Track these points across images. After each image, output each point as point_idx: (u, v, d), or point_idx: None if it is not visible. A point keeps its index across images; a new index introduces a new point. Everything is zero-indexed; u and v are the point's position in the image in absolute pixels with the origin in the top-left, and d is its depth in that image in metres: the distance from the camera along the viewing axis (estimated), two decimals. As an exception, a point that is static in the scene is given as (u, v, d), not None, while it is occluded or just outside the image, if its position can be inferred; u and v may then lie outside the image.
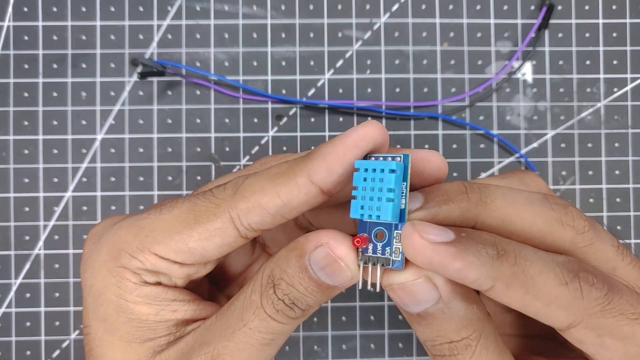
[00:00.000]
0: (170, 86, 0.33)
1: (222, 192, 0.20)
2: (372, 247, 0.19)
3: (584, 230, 0.20)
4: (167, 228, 0.20)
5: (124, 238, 0.21)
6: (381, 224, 0.19)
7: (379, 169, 0.18)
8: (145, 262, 0.20)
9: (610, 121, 0.34)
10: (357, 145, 0.18)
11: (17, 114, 0.33)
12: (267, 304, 0.20)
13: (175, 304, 0.21)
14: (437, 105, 0.34)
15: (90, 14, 0.33)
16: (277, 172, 0.19)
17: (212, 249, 0.20)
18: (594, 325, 0.18)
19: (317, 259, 0.19)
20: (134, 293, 0.21)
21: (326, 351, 0.33)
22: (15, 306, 0.33)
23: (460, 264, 0.17)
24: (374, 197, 0.18)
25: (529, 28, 0.34)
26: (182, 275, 0.21)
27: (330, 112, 0.34)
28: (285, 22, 0.34)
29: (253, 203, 0.19)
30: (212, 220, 0.20)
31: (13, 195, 0.33)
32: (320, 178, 0.19)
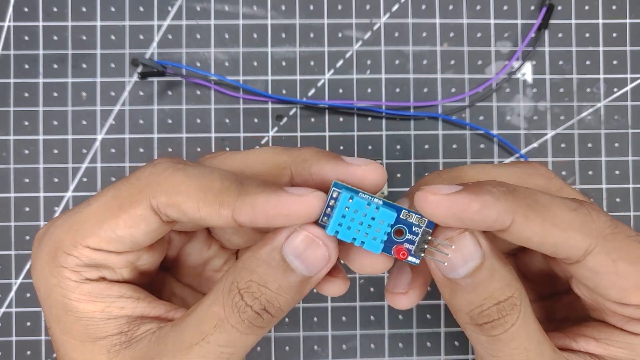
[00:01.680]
0: (170, 86, 0.34)
1: (147, 177, 0.20)
2: (407, 243, 0.19)
3: (551, 177, 0.22)
4: (95, 218, 0.20)
5: (58, 236, 0.20)
6: (401, 222, 0.19)
7: (368, 210, 0.19)
8: (81, 256, 0.20)
9: (610, 121, 0.34)
10: (290, 218, 0.18)
11: (17, 114, 0.33)
12: (230, 314, 0.19)
13: (122, 300, 0.21)
14: (437, 105, 0.34)
15: (90, 14, 0.33)
16: (207, 187, 0.19)
17: (140, 236, 0.20)
18: (608, 249, 0.18)
19: (292, 245, 0.19)
20: (75, 291, 0.20)
21: (326, 351, 0.33)
22: (16, 306, 0.33)
23: (479, 204, 0.17)
24: (367, 231, 0.19)
25: (529, 28, 0.34)
26: (122, 264, 0.21)
27: (330, 112, 0.34)
28: (286, 22, 0.34)
29: (174, 201, 0.19)
30: (135, 207, 0.20)
31: (13, 195, 0.33)
32: (242, 221, 0.19)
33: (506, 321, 0.19)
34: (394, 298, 0.22)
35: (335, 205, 0.19)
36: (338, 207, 0.18)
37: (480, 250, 0.19)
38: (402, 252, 0.19)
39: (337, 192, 0.19)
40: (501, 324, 0.19)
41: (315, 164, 0.20)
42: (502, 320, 0.19)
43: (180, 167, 0.20)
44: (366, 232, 0.19)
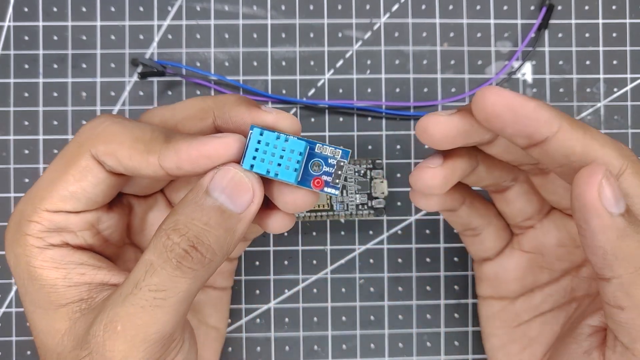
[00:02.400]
0: (170, 86, 0.34)
1: (86, 132, 0.21)
2: (324, 174, 0.20)
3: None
4: (49, 181, 0.21)
5: (21, 208, 0.21)
6: (317, 155, 0.21)
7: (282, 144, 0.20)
8: (42, 220, 0.21)
9: (610, 121, 0.34)
10: (212, 159, 0.19)
11: (17, 114, 0.33)
12: (158, 255, 0.19)
13: (83, 267, 0.21)
14: (437, 105, 0.34)
15: (90, 14, 0.33)
16: (138, 137, 0.20)
17: (90, 189, 0.21)
18: (638, 170, 0.19)
19: (216, 182, 0.19)
20: (39, 258, 0.21)
21: (326, 351, 0.33)
22: (16, 306, 0.33)
23: (534, 104, 0.19)
24: (280, 157, 0.20)
25: (529, 28, 0.34)
26: (82, 225, 0.21)
27: (330, 112, 0.34)
28: (285, 22, 0.34)
29: (110, 150, 0.20)
30: (79, 160, 0.21)
31: (13, 195, 0.33)
32: (168, 167, 0.20)
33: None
34: (424, 173, 0.22)
35: (248, 141, 0.20)
36: (250, 142, 0.20)
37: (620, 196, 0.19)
38: (317, 181, 0.20)
39: (251, 132, 0.20)
40: None
41: (233, 109, 0.21)
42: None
43: (117, 121, 0.21)
44: (279, 162, 0.20)
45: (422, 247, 0.34)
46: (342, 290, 0.33)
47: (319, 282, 0.33)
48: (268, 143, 0.20)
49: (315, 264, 0.33)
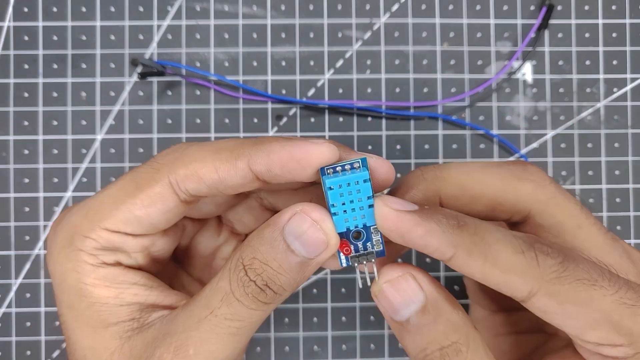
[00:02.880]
0: (170, 86, 0.34)
1: (164, 157, 0.21)
2: (353, 247, 0.20)
3: (544, 184, 0.22)
4: (113, 201, 0.21)
5: (75, 221, 0.21)
6: (359, 227, 0.20)
7: (352, 182, 0.19)
8: (99, 239, 0.20)
9: (610, 121, 0.34)
10: (302, 164, 0.19)
11: (17, 114, 0.33)
12: (236, 287, 0.19)
13: (136, 287, 0.21)
14: (437, 105, 0.34)
15: (90, 14, 0.33)
16: (220, 147, 0.20)
17: (156, 215, 0.21)
18: (552, 292, 0.18)
19: (292, 227, 0.19)
20: (91, 275, 0.20)
21: (326, 351, 0.33)
22: (15, 306, 0.33)
23: (423, 230, 0.18)
24: (355, 208, 0.19)
25: (528, 28, 0.34)
26: (138, 247, 0.21)
27: (330, 112, 0.34)
28: (285, 22, 0.34)
29: (191, 171, 0.20)
30: (153, 186, 0.20)
31: (13, 196, 0.33)
32: (258, 169, 0.19)
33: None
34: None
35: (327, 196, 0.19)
36: (330, 196, 0.19)
37: (421, 293, 0.19)
38: (345, 248, 0.20)
39: (328, 189, 0.19)
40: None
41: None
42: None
43: (194, 143, 0.21)
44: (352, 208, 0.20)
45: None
46: (342, 290, 0.33)
47: (319, 282, 0.33)
48: (341, 185, 0.19)
49: (315, 264, 0.33)
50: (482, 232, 0.18)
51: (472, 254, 0.18)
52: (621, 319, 0.18)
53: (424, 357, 0.19)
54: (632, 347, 0.18)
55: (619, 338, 0.18)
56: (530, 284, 0.18)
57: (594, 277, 0.18)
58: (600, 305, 0.18)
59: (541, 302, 0.18)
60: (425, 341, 0.19)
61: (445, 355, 0.18)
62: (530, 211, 0.22)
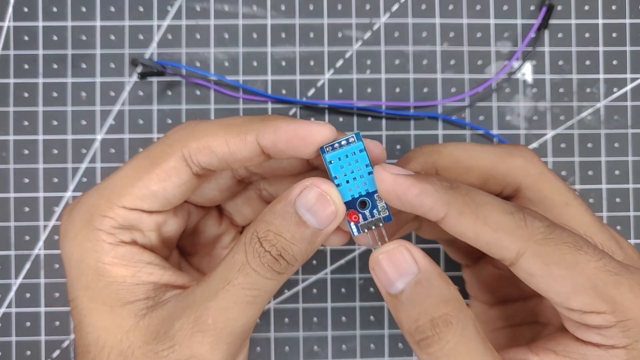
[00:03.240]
0: (170, 86, 0.34)
1: (175, 133, 0.22)
2: (361, 216, 0.21)
3: (533, 160, 0.23)
4: (129, 178, 0.21)
5: (92, 202, 0.22)
6: (363, 195, 0.21)
7: (349, 153, 0.21)
8: (117, 217, 0.21)
9: (610, 121, 0.34)
10: (305, 141, 0.20)
11: (17, 114, 0.33)
12: (252, 258, 0.20)
13: (151, 267, 0.22)
14: (437, 105, 0.34)
15: (90, 14, 0.33)
16: (231, 123, 0.21)
17: (172, 189, 0.21)
18: (539, 252, 0.19)
19: (304, 199, 0.20)
20: (110, 254, 0.21)
21: (326, 351, 0.33)
22: (15, 306, 0.33)
23: (418, 190, 0.19)
24: (357, 177, 0.21)
25: (528, 28, 0.34)
26: (152, 225, 0.22)
27: (330, 112, 0.34)
28: (285, 22, 0.34)
29: (203, 144, 0.21)
30: (167, 160, 0.21)
31: (13, 196, 0.33)
32: (265, 144, 0.21)
33: (440, 338, 0.19)
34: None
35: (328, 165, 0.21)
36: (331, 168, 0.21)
37: (415, 265, 0.20)
38: (354, 216, 0.21)
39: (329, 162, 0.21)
40: (436, 341, 0.19)
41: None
42: (437, 337, 0.19)
43: (203, 120, 0.22)
44: (353, 177, 0.21)
45: (422, 246, 0.33)
46: (342, 290, 0.33)
47: (319, 282, 0.33)
48: (340, 158, 0.21)
49: (315, 264, 0.33)
50: (474, 194, 0.19)
51: (463, 213, 0.19)
52: (605, 286, 0.18)
53: (416, 328, 0.19)
54: (615, 315, 0.19)
55: (602, 305, 0.18)
56: (518, 243, 0.19)
57: (579, 243, 0.19)
58: (584, 269, 0.18)
59: (528, 263, 0.19)
60: (417, 312, 0.19)
61: (435, 326, 0.19)
62: (520, 184, 0.23)
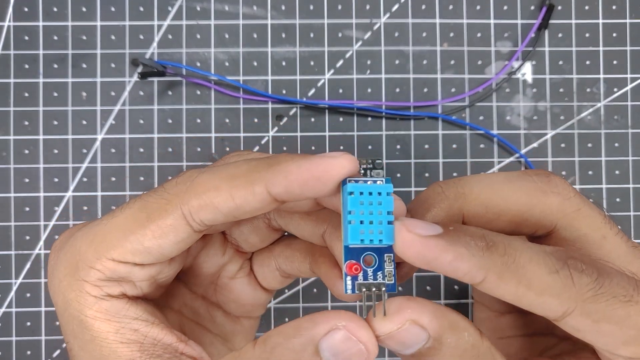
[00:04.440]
0: (170, 86, 0.34)
1: (174, 187, 0.20)
2: (362, 273, 0.19)
3: (569, 196, 0.21)
4: (121, 230, 0.19)
5: (79, 248, 0.20)
6: (370, 249, 0.19)
7: (375, 192, 0.18)
8: (104, 270, 0.19)
9: (610, 121, 0.34)
10: (322, 180, 0.18)
11: (17, 114, 0.33)
12: None
13: (137, 322, 0.20)
14: (437, 105, 0.34)
15: (90, 14, 0.33)
16: (234, 174, 0.19)
17: (168, 246, 0.20)
18: (588, 311, 0.17)
19: (332, 344, 0.17)
20: (93, 308, 0.19)
21: (326, 351, 0.33)
22: (16, 306, 0.33)
23: (451, 256, 0.17)
24: (374, 221, 0.18)
25: (528, 28, 0.34)
26: (144, 277, 0.20)
27: (330, 112, 0.34)
28: (286, 22, 0.34)
29: (205, 201, 0.19)
30: (164, 217, 0.19)
31: (13, 195, 0.33)
32: (277, 192, 0.18)
33: None
34: None
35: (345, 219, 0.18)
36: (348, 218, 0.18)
37: (424, 334, 0.18)
38: (355, 267, 0.19)
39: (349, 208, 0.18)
40: None
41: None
42: None
43: (205, 169, 0.20)
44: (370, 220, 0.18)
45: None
46: (342, 290, 0.33)
47: (319, 282, 0.33)
48: (362, 193, 0.18)
49: (315, 264, 0.33)
50: (513, 252, 0.17)
51: (504, 277, 0.17)
52: None
53: None
54: None
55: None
56: (566, 304, 0.17)
57: (630, 292, 0.18)
58: (636, 321, 0.17)
59: (576, 321, 0.18)
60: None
61: None
62: (556, 225, 0.21)
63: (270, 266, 0.25)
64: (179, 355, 0.20)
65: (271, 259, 0.25)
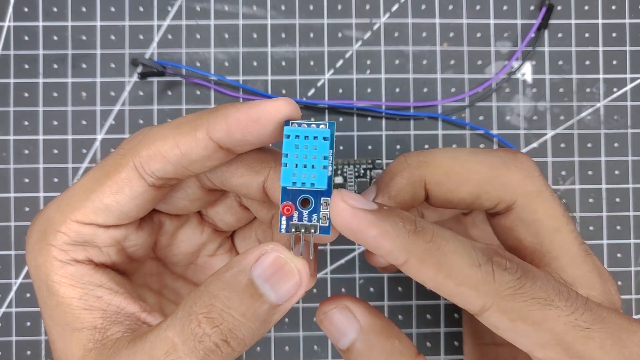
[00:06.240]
0: (170, 86, 0.34)
1: (129, 142, 0.20)
2: (297, 214, 0.19)
3: (533, 175, 0.21)
4: (83, 190, 0.20)
5: (48, 214, 0.20)
6: (307, 192, 0.19)
7: (311, 136, 0.18)
8: (69, 232, 0.20)
9: (610, 121, 0.34)
10: (261, 122, 0.18)
11: (17, 114, 0.33)
12: (185, 341, 0.17)
13: (101, 290, 0.20)
14: (437, 105, 0.34)
15: (90, 14, 0.33)
16: (180, 122, 0.19)
17: (125, 202, 0.20)
18: (505, 308, 0.17)
19: (262, 268, 0.18)
20: (59, 272, 0.20)
21: (326, 351, 0.33)
22: (16, 306, 0.33)
23: (376, 232, 0.17)
24: (307, 165, 0.18)
25: (528, 28, 0.34)
26: (109, 241, 0.21)
27: (330, 112, 0.34)
28: (285, 22, 0.34)
29: (154, 150, 0.19)
30: (119, 172, 0.20)
31: (13, 195, 0.33)
32: (218, 137, 0.19)
33: None
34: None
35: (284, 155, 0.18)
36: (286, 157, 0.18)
37: (356, 324, 0.19)
38: (287, 208, 0.19)
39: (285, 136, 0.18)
40: None
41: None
42: None
43: (157, 125, 0.20)
44: (304, 163, 0.18)
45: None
46: (342, 290, 0.33)
47: (319, 282, 0.33)
48: (299, 136, 0.18)
49: (315, 264, 0.33)
50: (439, 240, 0.18)
51: (425, 262, 0.17)
52: (573, 342, 0.18)
53: None
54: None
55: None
56: (483, 298, 0.17)
57: (551, 297, 0.18)
58: (552, 326, 0.17)
59: (493, 317, 0.18)
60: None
61: None
62: (516, 201, 0.21)
63: (251, 238, 0.26)
64: (140, 324, 0.20)
65: (252, 230, 0.26)
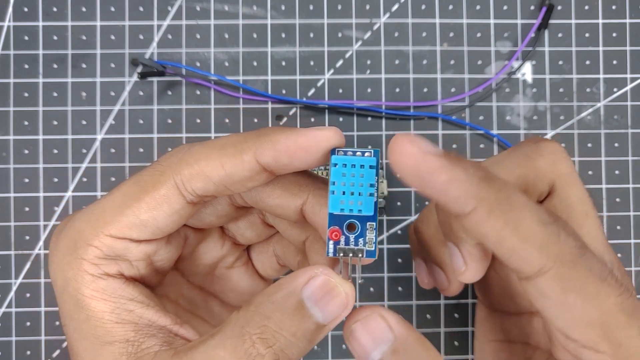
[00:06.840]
0: (170, 86, 0.34)
1: (167, 159, 0.20)
2: (344, 239, 0.19)
3: (561, 156, 0.21)
4: (117, 205, 0.20)
5: (78, 227, 0.20)
6: (353, 217, 0.19)
7: (358, 165, 0.19)
8: (101, 246, 0.20)
9: (610, 121, 0.34)
10: (309, 151, 0.19)
11: (17, 114, 0.33)
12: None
13: (133, 303, 0.20)
14: (437, 105, 0.34)
15: (90, 14, 0.33)
16: (224, 143, 0.20)
17: (162, 219, 0.20)
18: (562, 275, 0.17)
19: (312, 290, 0.18)
20: (90, 286, 0.20)
21: (326, 351, 0.33)
22: (15, 306, 0.33)
23: (447, 176, 0.16)
24: (354, 192, 0.19)
25: (528, 28, 0.34)
26: (141, 255, 0.21)
27: (330, 112, 0.34)
28: (285, 22, 0.34)
29: (197, 170, 0.19)
30: (158, 188, 0.20)
31: (13, 195, 0.33)
32: (265, 161, 0.19)
33: None
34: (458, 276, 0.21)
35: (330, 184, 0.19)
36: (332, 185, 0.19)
37: (391, 333, 0.18)
38: (335, 233, 0.19)
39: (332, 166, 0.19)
40: None
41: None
42: None
43: (196, 143, 0.20)
44: (352, 191, 0.19)
45: (422, 247, 0.34)
46: (342, 290, 0.33)
47: (319, 282, 0.33)
48: (346, 165, 0.19)
49: (315, 264, 0.33)
50: (509, 192, 0.17)
51: (493, 213, 0.16)
52: (616, 325, 0.17)
53: None
54: (613, 358, 0.17)
55: (605, 345, 0.17)
56: (544, 260, 0.17)
57: (605, 274, 0.17)
58: (602, 303, 0.17)
59: (546, 283, 0.17)
60: None
61: None
62: (554, 184, 0.21)
63: (268, 252, 0.26)
64: (173, 336, 0.20)
65: (269, 245, 0.26)
